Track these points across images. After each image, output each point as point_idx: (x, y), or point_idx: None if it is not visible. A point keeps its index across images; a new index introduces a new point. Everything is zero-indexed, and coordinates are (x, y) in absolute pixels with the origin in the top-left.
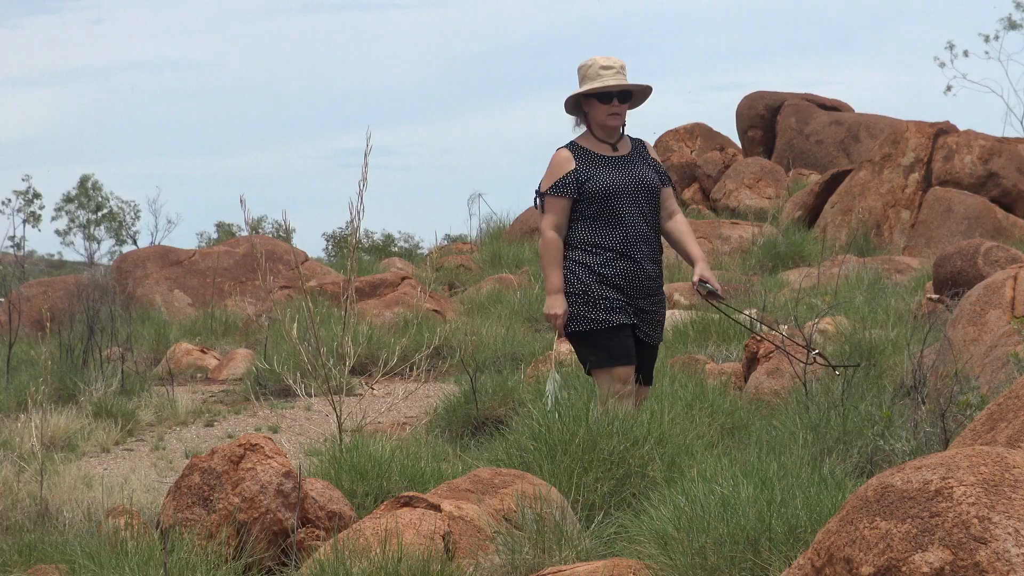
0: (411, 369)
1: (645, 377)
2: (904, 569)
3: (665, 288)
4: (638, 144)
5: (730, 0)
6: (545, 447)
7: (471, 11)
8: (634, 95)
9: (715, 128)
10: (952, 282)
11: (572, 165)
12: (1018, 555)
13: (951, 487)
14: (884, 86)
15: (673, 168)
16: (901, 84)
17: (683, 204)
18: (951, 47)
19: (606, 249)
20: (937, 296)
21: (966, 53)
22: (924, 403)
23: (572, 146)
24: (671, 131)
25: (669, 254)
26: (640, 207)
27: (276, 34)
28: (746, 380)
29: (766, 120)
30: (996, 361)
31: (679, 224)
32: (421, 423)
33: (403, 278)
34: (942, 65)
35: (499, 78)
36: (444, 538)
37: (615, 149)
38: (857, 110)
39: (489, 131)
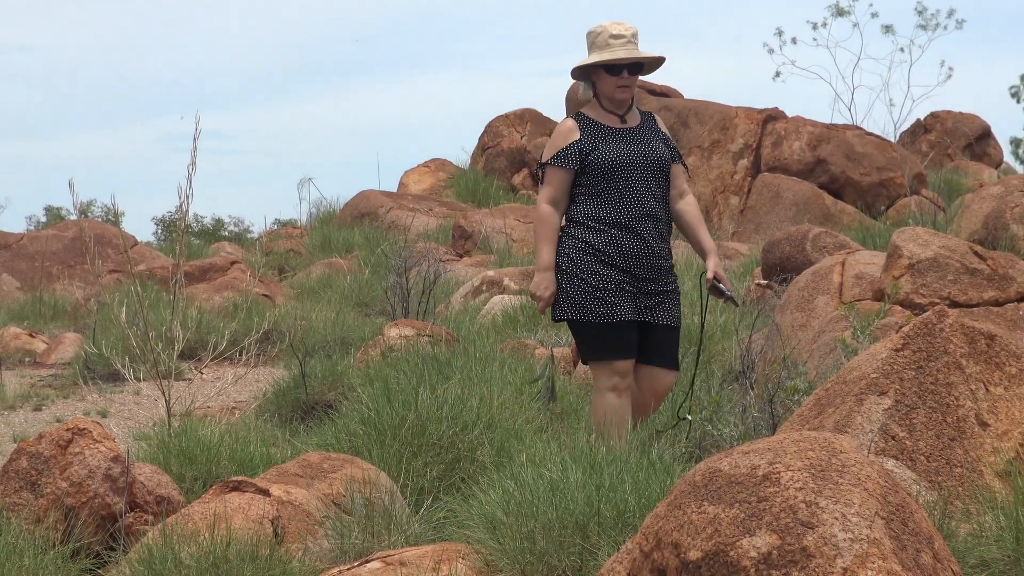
0: (240, 353)
1: (669, 361)
2: (732, 553)
3: (493, 273)
4: (648, 117)
5: None
6: (374, 432)
7: None
8: (645, 65)
9: (545, 114)
10: (780, 268)
11: (576, 135)
12: (845, 539)
13: (778, 472)
14: (713, 72)
15: (503, 154)
16: (730, 70)
17: (512, 190)
18: (780, 34)
19: (610, 226)
20: (766, 282)
21: (794, 40)
22: (752, 388)
23: (578, 116)
24: (501, 116)
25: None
26: (648, 182)
27: (107, 16)
28: (575, 365)
29: None
30: (824, 347)
31: (689, 207)
32: (250, 407)
33: (233, 262)
34: (771, 52)
35: (329, 64)
36: (273, 523)
37: (623, 121)
38: (687, 96)
39: (319, 116)
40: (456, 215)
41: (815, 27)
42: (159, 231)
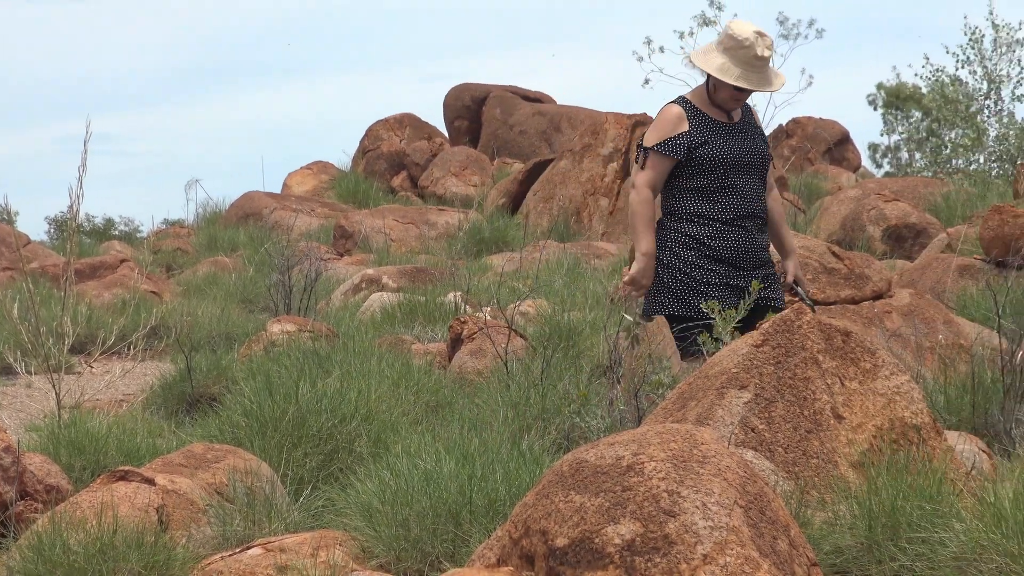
0: (129, 348)
1: None
2: (597, 541)
3: (373, 271)
4: (747, 111)
5: None
6: (256, 424)
7: (190, 1)
8: None
9: (423, 118)
10: None
11: (685, 127)
12: (705, 527)
13: (642, 463)
14: (585, 79)
15: (383, 157)
16: (601, 77)
17: (391, 191)
18: (649, 42)
19: (715, 220)
20: None
21: (662, 49)
22: (619, 382)
23: (685, 104)
24: (381, 121)
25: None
26: (751, 178)
27: (2, 19)
28: (450, 360)
29: (472, 111)
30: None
31: (776, 204)
32: (138, 400)
33: (122, 260)
34: (640, 60)
35: (216, 69)
36: (158, 511)
37: (730, 117)
38: (559, 102)
39: (206, 120)
40: (337, 215)
41: (682, 36)
42: (51, 230)
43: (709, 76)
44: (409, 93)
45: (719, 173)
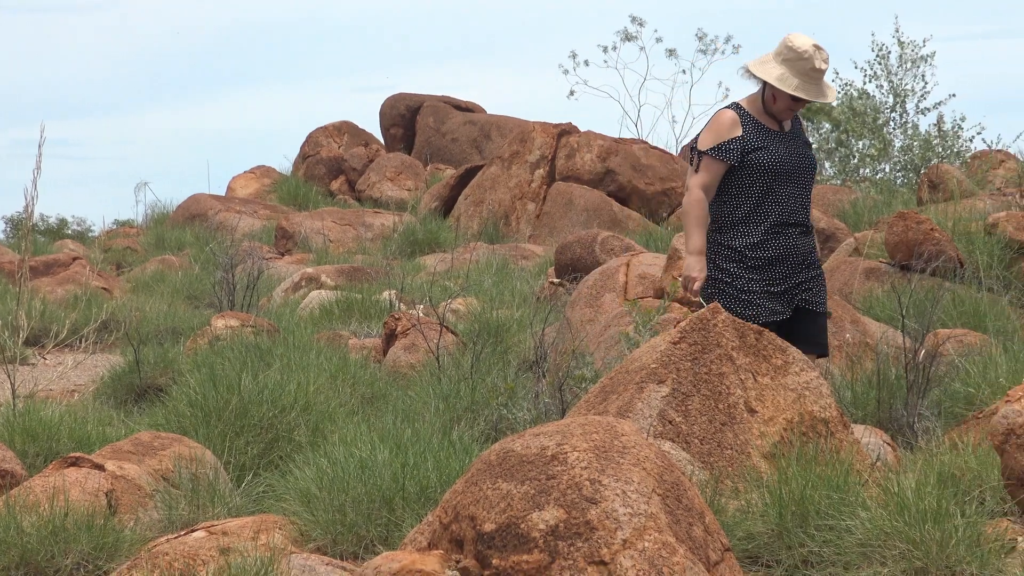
0: (80, 341)
1: (817, 346)
2: (523, 526)
3: (312, 270)
4: (796, 121)
5: (373, 6)
6: (201, 413)
7: (141, 15)
8: None
9: (361, 126)
10: (572, 268)
11: (739, 132)
12: (625, 514)
13: (566, 452)
14: (514, 90)
15: (322, 162)
16: (529, 88)
17: (330, 195)
18: (574, 56)
19: (757, 227)
20: (558, 280)
21: (587, 62)
22: (544, 376)
23: (739, 110)
24: (320, 128)
25: None
26: (796, 187)
27: None
28: (385, 354)
29: (407, 119)
30: (609, 339)
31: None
32: (89, 390)
33: (75, 258)
34: (566, 72)
35: (165, 77)
36: (107, 495)
37: (781, 126)
38: (489, 111)
39: (155, 126)
40: (279, 217)
41: (606, 50)
42: (7, 229)
43: (765, 86)
44: (345, 103)
45: (767, 180)
